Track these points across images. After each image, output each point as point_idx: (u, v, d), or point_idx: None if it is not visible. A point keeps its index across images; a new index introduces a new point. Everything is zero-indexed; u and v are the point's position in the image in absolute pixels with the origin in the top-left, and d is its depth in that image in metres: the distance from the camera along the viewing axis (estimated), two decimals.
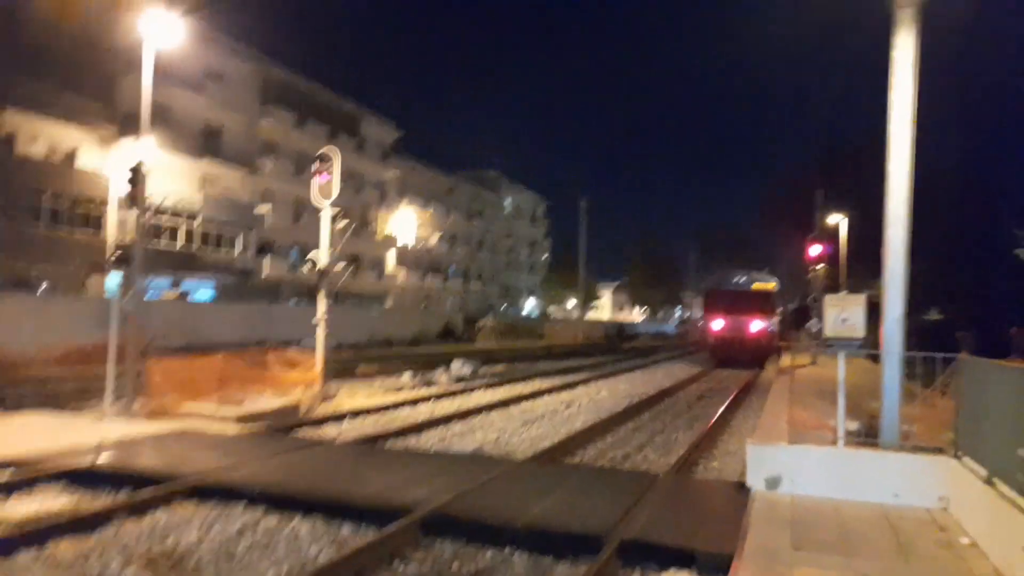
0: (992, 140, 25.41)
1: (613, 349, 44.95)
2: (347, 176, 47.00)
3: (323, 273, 15.29)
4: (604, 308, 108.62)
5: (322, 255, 15.33)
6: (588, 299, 74.11)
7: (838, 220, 34.82)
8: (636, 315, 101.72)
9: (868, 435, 8.33)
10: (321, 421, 12.74)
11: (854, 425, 8.68)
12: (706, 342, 33.18)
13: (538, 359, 32.41)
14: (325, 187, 15.48)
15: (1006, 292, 23.47)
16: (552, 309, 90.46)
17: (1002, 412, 6.06)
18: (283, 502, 7.35)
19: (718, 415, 14.55)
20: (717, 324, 31.38)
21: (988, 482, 5.93)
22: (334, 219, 15.68)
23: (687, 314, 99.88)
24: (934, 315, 33.02)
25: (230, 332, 26.70)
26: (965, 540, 6.06)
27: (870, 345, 8.66)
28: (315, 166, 15.61)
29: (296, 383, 14.52)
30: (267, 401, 13.18)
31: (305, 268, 16.13)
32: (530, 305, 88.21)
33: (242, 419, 11.72)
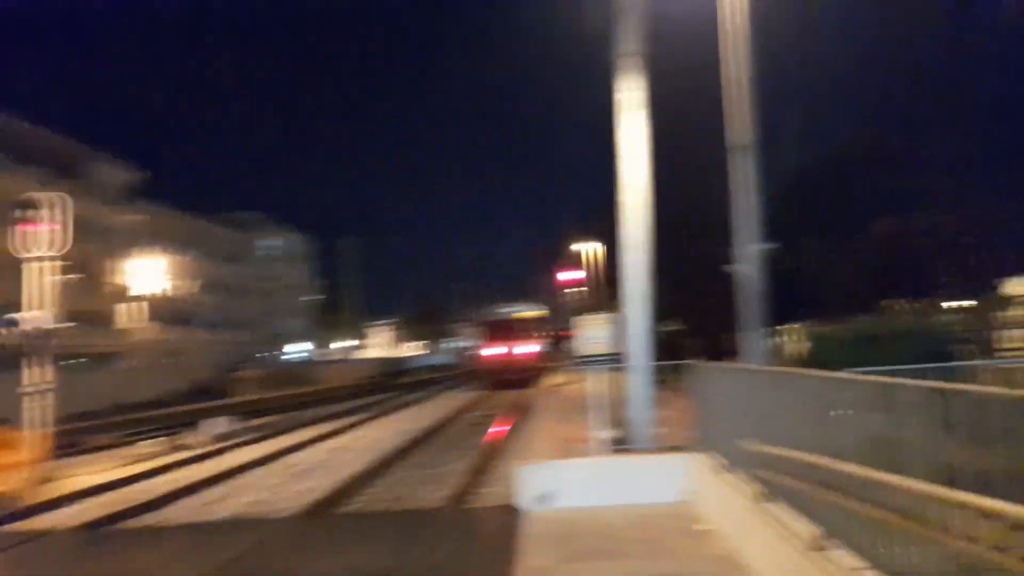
0: (706, 169, 29.95)
1: (390, 386, 44.31)
2: (77, 222, 41.51)
3: (35, 335, 13.08)
4: (382, 345, 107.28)
5: (32, 314, 13.12)
6: (363, 338, 72.64)
7: (592, 247, 37.78)
8: (414, 349, 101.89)
9: (625, 442, 8.90)
10: (36, 509, 10.70)
11: (613, 434, 9.22)
12: (482, 367, 35.26)
13: (308, 406, 30.75)
14: (50, 236, 13.42)
15: (727, 303, 27.14)
16: (322, 351, 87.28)
17: (728, 407, 6.79)
18: None
19: (491, 441, 14.80)
20: (491, 350, 33.91)
21: (722, 472, 6.58)
22: (57, 271, 13.58)
23: (461, 345, 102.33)
24: (672, 326, 37.17)
25: None
26: (706, 527, 6.64)
27: (619, 359, 9.33)
28: (20, 213, 13.45)
29: (3, 468, 12.12)
30: None
31: (3, 331, 13.66)
32: (297, 349, 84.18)
33: None
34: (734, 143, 10.00)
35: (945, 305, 18.49)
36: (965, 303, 17.50)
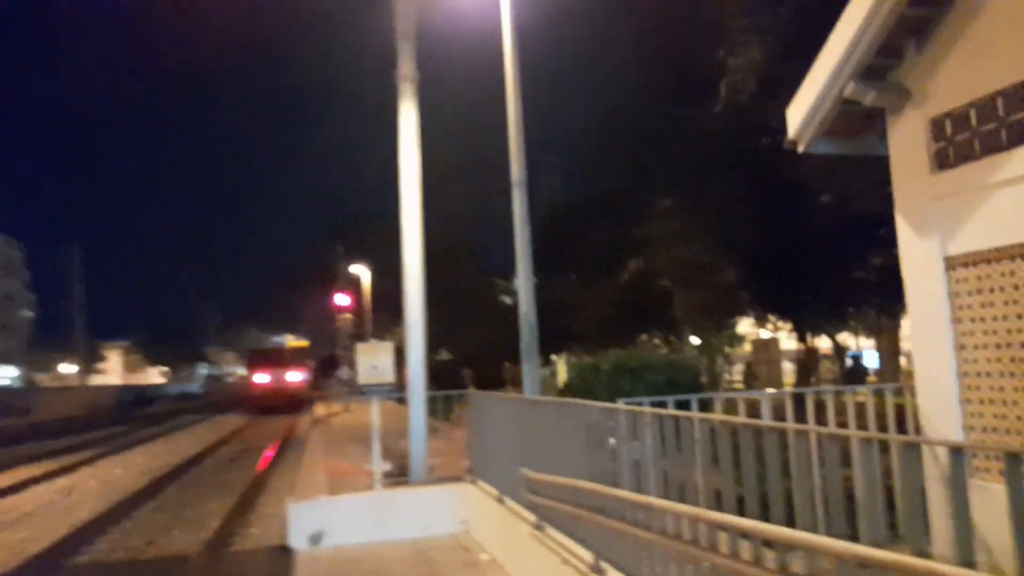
0: (480, 207, 31.36)
1: (128, 417, 39.41)
2: None
3: None
4: (114, 371, 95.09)
5: None
6: (91, 361, 63.94)
7: (360, 272, 37.32)
8: (155, 376, 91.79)
9: (401, 473, 8.84)
10: None
11: (387, 466, 9.11)
12: (250, 394, 37.89)
13: (22, 440, 26.25)
14: None
15: (497, 332, 28.25)
16: (41, 376, 75.34)
17: (501, 436, 7.07)
18: None
19: (253, 477, 13.81)
20: (259, 378, 37.02)
21: (499, 501, 6.81)
22: None
23: (213, 371, 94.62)
24: (444, 355, 37.78)
25: None
26: (485, 556, 6.83)
27: (398, 387, 9.29)
28: None
29: None
30: None
31: None
32: (10, 374, 71.75)
33: None
34: (513, 179, 10.54)
35: (694, 340, 21.09)
36: (709, 337, 20.13)
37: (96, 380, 72.24)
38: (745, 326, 23.53)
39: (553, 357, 31.74)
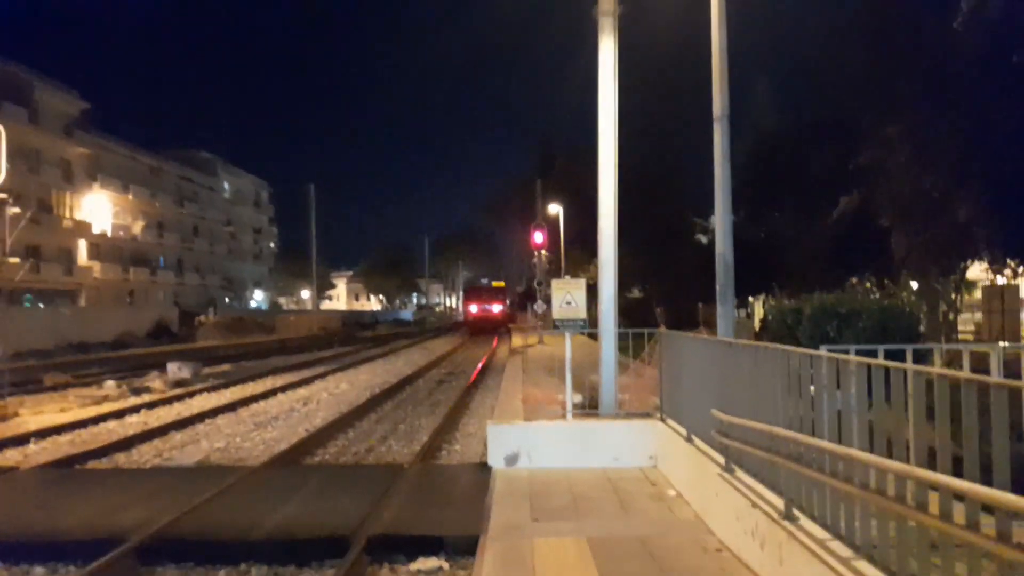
0: (677, 144, 30.31)
1: (353, 339, 44.17)
2: (20, 152, 39.82)
3: None
4: (340, 297, 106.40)
5: None
6: (322, 289, 71.92)
7: (558, 210, 37.94)
8: (373, 303, 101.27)
9: (590, 406, 9.13)
10: (2, 444, 10.59)
11: (578, 398, 9.44)
12: (466, 318, 54.36)
13: (270, 355, 30.58)
14: None
15: (691, 272, 27.56)
16: (283, 300, 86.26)
17: (693, 377, 7.01)
18: None
19: (457, 399, 14.98)
20: (472, 307, 53.14)
21: (688, 440, 6.82)
22: (3, 204, 13.08)
23: (423, 301, 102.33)
24: (636, 292, 37.70)
25: None
26: (672, 492, 6.92)
27: (589, 324, 9.48)
28: None
29: None
30: None
31: None
32: (259, 297, 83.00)
33: None
34: (715, 113, 10.05)
35: (914, 285, 19.05)
36: (931, 283, 18.07)
37: (326, 305, 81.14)
38: (976, 271, 20.67)
39: (751, 299, 30.34)
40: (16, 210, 13.80)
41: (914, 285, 19.06)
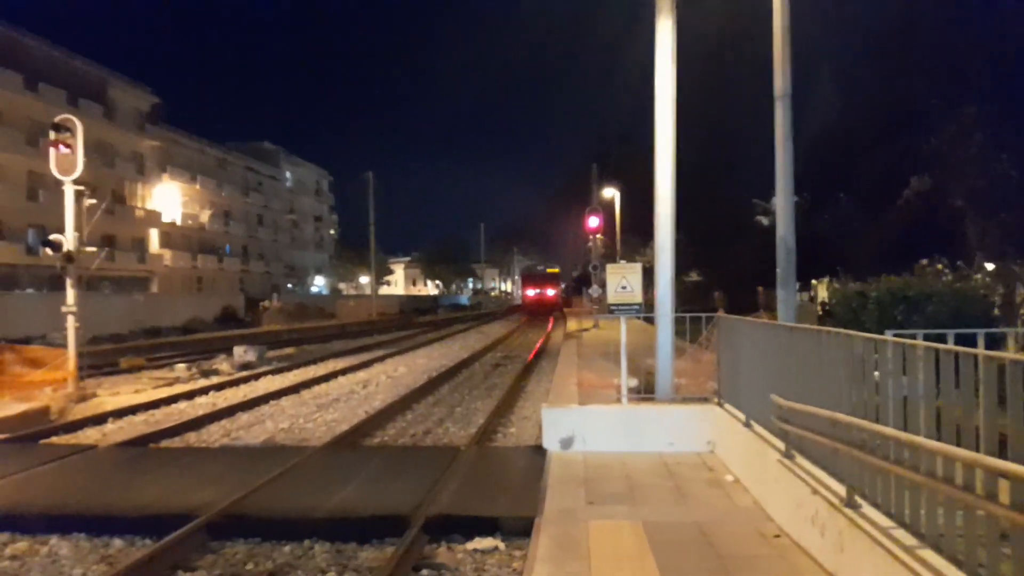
0: (736, 126, 29.66)
1: (411, 323, 44.87)
2: (96, 147, 41.66)
3: (69, 257, 13.35)
4: (397, 283, 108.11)
5: (67, 237, 13.37)
6: (380, 275, 73.16)
7: (612, 194, 37.58)
8: (431, 288, 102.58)
9: (646, 391, 9.06)
10: (78, 425, 11.19)
11: (633, 382, 9.38)
12: (524, 301, 59.45)
13: (331, 339, 31.37)
14: (65, 160, 13.45)
15: (751, 256, 26.99)
16: (343, 286, 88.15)
17: (753, 362, 6.88)
18: (35, 523, 6.33)
19: (512, 382, 15.08)
20: (529, 292, 57.77)
21: (746, 425, 6.71)
22: (81, 195, 13.71)
23: (479, 286, 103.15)
24: (694, 276, 37.13)
25: None
26: (730, 478, 6.83)
27: (645, 308, 9.39)
28: (51, 135, 13.50)
29: (43, 384, 12.63)
30: (6, 407, 11.28)
31: (48, 252, 13.88)
32: (319, 283, 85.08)
33: None
34: (776, 92, 9.76)
35: (989, 267, 18.22)
36: (1008, 265, 17.24)
37: (384, 290, 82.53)
38: None
39: (813, 282, 29.48)
40: (93, 201, 14.46)
41: (989, 267, 18.20)
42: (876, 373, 4.33)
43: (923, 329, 5.11)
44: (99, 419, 11.63)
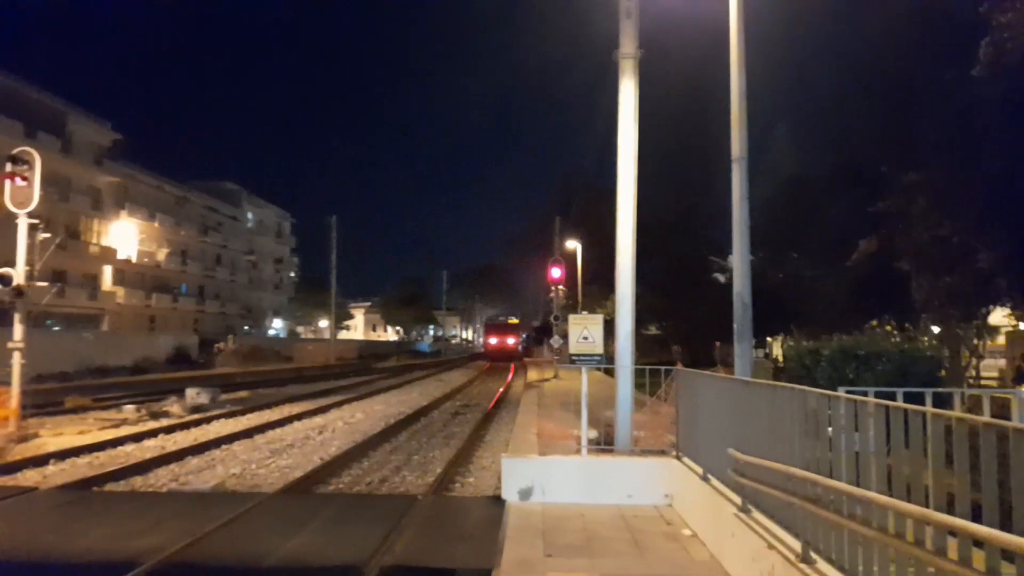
0: (694, 184, 30.52)
1: (369, 369, 44.26)
2: (52, 180, 40.74)
3: (19, 292, 12.96)
4: (357, 328, 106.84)
5: (18, 270, 13.01)
6: (340, 319, 72.33)
7: (575, 246, 38.12)
8: (391, 334, 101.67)
9: (605, 442, 9.08)
10: (18, 466, 10.71)
11: (593, 434, 9.40)
12: (486, 349, 64.47)
13: (287, 383, 30.72)
14: (21, 192, 13.19)
15: (708, 311, 27.50)
16: (301, 329, 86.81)
17: (710, 416, 6.98)
18: None
19: (471, 431, 14.94)
20: (491, 340, 63.26)
21: (704, 479, 6.77)
22: (34, 229, 13.41)
23: (439, 333, 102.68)
24: (653, 330, 37.58)
25: None
26: (687, 531, 6.84)
27: (606, 359, 9.48)
28: (8, 167, 13.26)
29: None
30: None
31: None
32: (277, 325, 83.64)
33: None
34: (733, 155, 10.13)
35: (935, 329, 18.90)
36: (952, 328, 17.92)
37: (343, 335, 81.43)
38: (999, 316, 20.44)
39: (769, 339, 30.11)
40: (46, 235, 14.05)
41: (935, 329, 18.86)
42: (830, 429, 4.45)
43: (874, 387, 5.29)
44: (40, 460, 11.15)
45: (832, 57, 21.99)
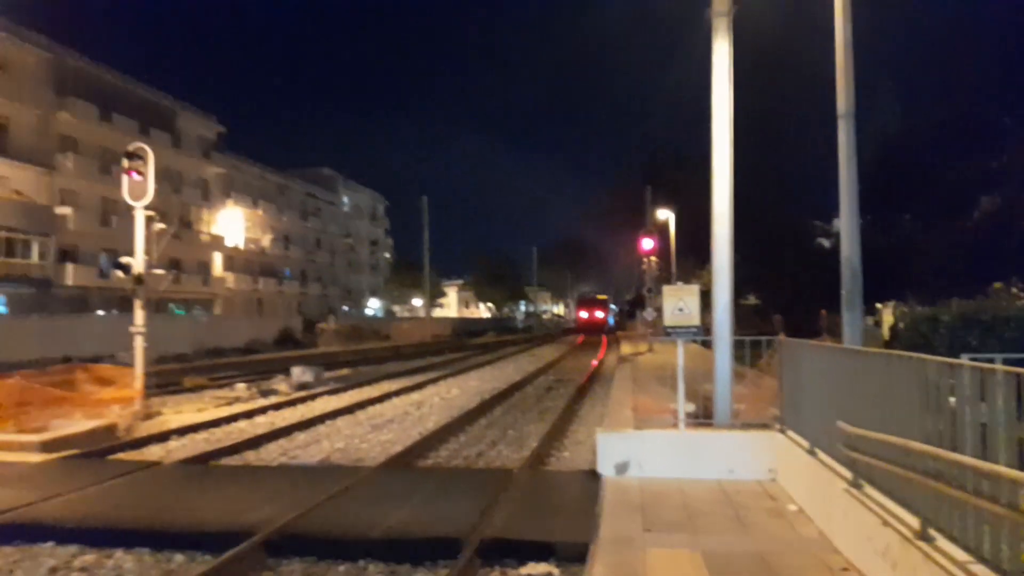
0: (794, 147, 29.05)
1: (464, 345, 45.10)
2: (164, 174, 43.48)
3: (139, 280, 13.88)
4: (450, 305, 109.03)
5: (137, 260, 13.92)
6: (434, 297, 73.94)
7: (667, 216, 37.21)
8: (483, 311, 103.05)
9: (704, 416, 8.84)
10: (144, 442, 11.56)
11: (691, 407, 9.17)
12: (577, 322, 72.53)
13: (385, 360, 31.74)
14: (137, 186, 14.04)
15: (811, 278, 26.28)
16: (397, 308, 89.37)
17: (817, 387, 6.64)
18: (102, 536, 6.52)
19: (565, 406, 14.94)
20: (583, 313, 71.47)
21: (810, 453, 6.47)
22: (150, 221, 14.28)
23: (531, 309, 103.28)
24: (751, 300, 36.32)
25: (27, 349, 23.57)
26: (793, 507, 6.58)
27: (702, 331, 9.19)
28: (124, 163, 14.13)
29: (112, 402, 13.06)
30: (77, 424, 11.72)
31: (119, 275, 14.47)
32: (374, 305, 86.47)
33: (47, 445, 10.32)
34: (839, 111, 9.54)
35: None
36: None
37: (437, 313, 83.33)
38: None
39: (878, 306, 28.48)
40: (162, 226, 15.13)
41: None
42: (952, 399, 4.12)
43: (999, 353, 4.84)
44: (163, 436, 11.98)
45: (941, 3, 20.30)
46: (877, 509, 4.71)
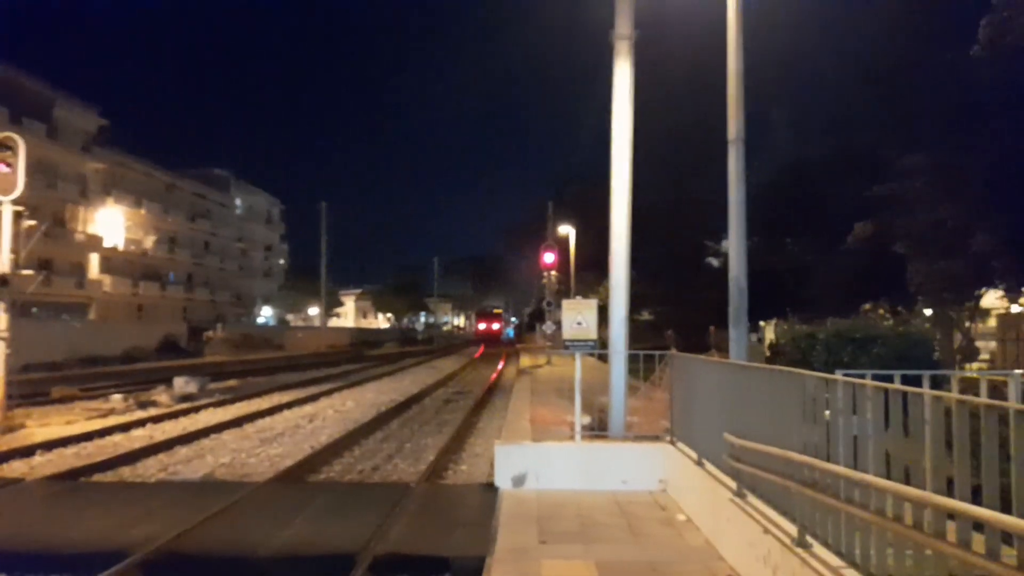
0: (690, 169, 30.31)
1: (360, 357, 44.14)
2: (38, 167, 40.21)
3: (3, 281, 12.77)
4: (347, 315, 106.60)
5: (2, 259, 12.81)
6: (330, 306, 72.11)
7: (568, 231, 38.01)
8: (382, 321, 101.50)
9: (599, 428, 9.02)
10: (4, 456, 10.57)
11: (587, 420, 9.35)
12: (476, 333, 74.86)
13: (277, 371, 30.57)
14: (5, 179, 12.96)
15: (702, 296, 27.50)
16: (292, 317, 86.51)
17: (706, 400, 6.93)
18: None
19: (464, 418, 14.89)
20: (481, 325, 74.18)
21: (699, 464, 6.73)
22: (19, 217, 13.20)
23: (430, 320, 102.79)
24: (646, 315, 37.57)
25: None
26: (682, 517, 6.81)
27: (599, 345, 9.41)
28: None
29: None
30: None
31: None
32: (267, 313, 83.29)
33: None
34: (729, 136, 10.03)
35: (927, 312, 18.93)
36: (945, 311, 17.96)
37: (333, 322, 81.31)
38: (991, 299, 20.54)
39: (762, 324, 30.16)
40: (31, 223, 13.79)
41: (927, 312, 18.91)
42: (827, 412, 4.40)
43: (869, 369, 5.22)
44: (27, 451, 11.02)
45: (831, 39, 21.87)
46: (759, 517, 4.94)
